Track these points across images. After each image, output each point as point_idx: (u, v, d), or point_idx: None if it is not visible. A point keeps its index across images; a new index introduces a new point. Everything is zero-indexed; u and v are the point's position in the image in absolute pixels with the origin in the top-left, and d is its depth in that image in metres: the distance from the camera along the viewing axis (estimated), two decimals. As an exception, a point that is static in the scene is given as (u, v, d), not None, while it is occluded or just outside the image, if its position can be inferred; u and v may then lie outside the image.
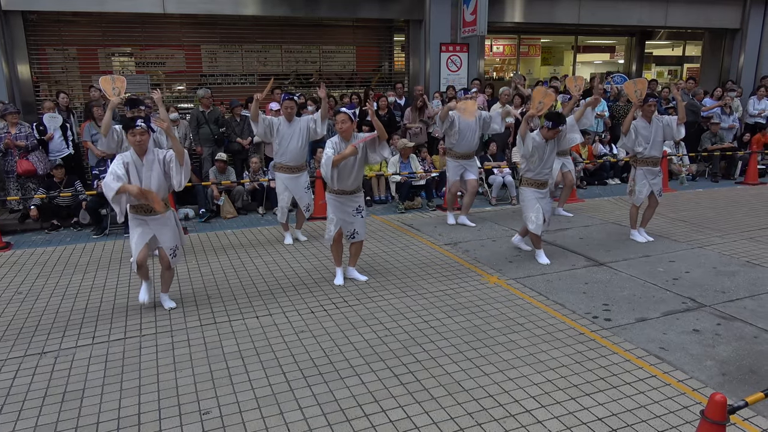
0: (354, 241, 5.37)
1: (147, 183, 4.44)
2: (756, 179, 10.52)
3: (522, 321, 4.49)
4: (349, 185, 5.17)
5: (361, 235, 5.35)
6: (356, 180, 5.20)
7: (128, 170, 4.38)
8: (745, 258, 5.99)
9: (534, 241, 6.04)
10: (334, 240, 5.29)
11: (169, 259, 4.68)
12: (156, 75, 10.45)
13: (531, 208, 5.82)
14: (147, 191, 4.33)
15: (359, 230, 5.31)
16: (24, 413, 3.32)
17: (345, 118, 5.00)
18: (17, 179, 7.95)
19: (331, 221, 5.26)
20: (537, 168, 5.74)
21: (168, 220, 4.65)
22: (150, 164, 4.45)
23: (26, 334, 4.38)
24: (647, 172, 6.41)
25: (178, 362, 3.88)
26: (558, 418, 3.20)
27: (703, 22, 13.14)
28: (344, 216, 5.23)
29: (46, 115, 8.21)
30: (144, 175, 4.43)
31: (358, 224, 5.29)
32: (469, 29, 10.56)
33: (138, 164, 4.42)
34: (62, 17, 9.40)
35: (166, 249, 4.65)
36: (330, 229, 5.27)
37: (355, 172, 5.15)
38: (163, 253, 4.68)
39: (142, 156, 4.42)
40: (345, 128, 5.00)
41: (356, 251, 5.50)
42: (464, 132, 7.08)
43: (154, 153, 4.49)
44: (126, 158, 4.41)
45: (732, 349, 4.01)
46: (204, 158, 8.92)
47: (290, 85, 11.18)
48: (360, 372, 3.72)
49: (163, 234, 4.62)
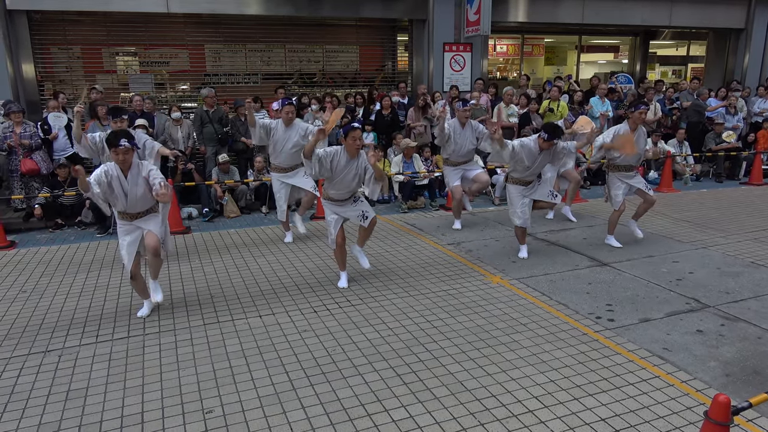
0: (367, 222, 5.19)
1: (133, 197, 4.37)
2: (760, 179, 10.48)
3: (525, 321, 4.48)
4: (344, 195, 5.13)
5: (371, 213, 5.21)
6: (352, 192, 5.16)
7: (111, 184, 4.29)
8: (750, 259, 5.97)
9: (519, 236, 6.14)
10: (337, 245, 5.20)
11: (156, 241, 4.46)
12: (160, 74, 10.47)
13: (517, 204, 5.91)
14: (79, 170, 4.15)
15: (367, 210, 5.19)
16: (28, 411, 3.33)
17: (359, 136, 4.90)
18: (21, 178, 7.98)
19: (330, 223, 5.20)
20: (524, 172, 5.81)
21: (155, 215, 4.60)
22: (135, 179, 4.34)
23: (30, 333, 4.39)
24: (621, 177, 6.30)
25: (181, 361, 3.89)
26: (561, 419, 3.20)
27: (707, 21, 13.10)
28: (344, 211, 5.18)
29: (51, 114, 8.24)
30: (129, 190, 4.34)
31: (364, 206, 5.21)
32: (473, 29, 10.55)
33: (122, 179, 4.32)
34: (67, 16, 9.44)
35: (153, 231, 4.49)
36: (331, 232, 5.21)
37: (353, 186, 5.10)
38: (150, 238, 4.46)
39: (126, 171, 4.32)
40: (356, 146, 4.91)
41: (367, 231, 5.32)
42: (460, 143, 7.01)
43: (138, 167, 4.37)
44: (110, 170, 4.29)
45: (736, 350, 3.99)
46: (208, 157, 8.94)
47: (293, 84, 11.20)
48: (363, 371, 3.72)
49: (147, 222, 4.52)
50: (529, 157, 5.63)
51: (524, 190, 5.89)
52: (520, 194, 5.90)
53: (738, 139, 11.25)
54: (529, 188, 5.89)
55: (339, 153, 4.94)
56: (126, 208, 4.44)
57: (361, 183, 5.14)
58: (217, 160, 8.58)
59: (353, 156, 4.96)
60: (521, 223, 5.93)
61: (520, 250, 6.13)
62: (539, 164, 5.76)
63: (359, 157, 5.00)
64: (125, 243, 4.50)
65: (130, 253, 4.49)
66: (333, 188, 5.09)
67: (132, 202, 4.41)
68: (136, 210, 4.48)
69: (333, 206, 5.19)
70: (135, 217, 4.49)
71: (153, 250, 4.50)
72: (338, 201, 5.16)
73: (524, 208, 5.88)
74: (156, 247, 4.50)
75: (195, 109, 9.51)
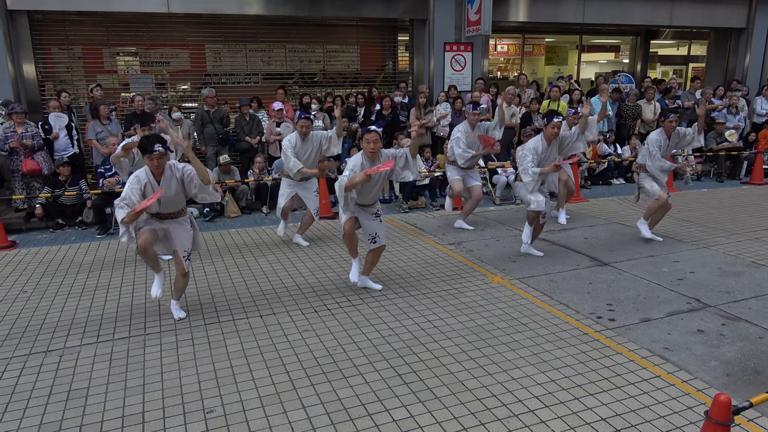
0: (374, 247, 5.08)
1: (166, 202, 4.34)
2: (761, 179, 10.48)
3: (526, 321, 4.48)
4: (369, 200, 5.01)
5: (382, 240, 5.07)
6: (377, 195, 5.06)
7: (145, 191, 4.22)
8: (751, 258, 5.97)
9: (529, 218, 6.01)
10: (346, 230, 4.94)
11: (183, 264, 4.49)
12: (161, 74, 10.48)
13: (530, 192, 5.83)
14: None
15: (380, 233, 5.05)
16: (29, 411, 3.33)
17: (376, 138, 4.74)
18: (22, 178, 7.99)
19: (344, 214, 4.96)
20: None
21: (184, 221, 4.57)
22: (168, 182, 4.30)
23: (31, 333, 4.40)
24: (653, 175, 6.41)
25: (182, 361, 3.89)
26: (562, 418, 3.20)
27: (708, 21, 13.08)
28: (363, 217, 5.02)
29: (52, 114, 8.25)
30: (163, 194, 4.28)
31: (379, 228, 5.06)
32: (474, 29, 10.55)
33: (155, 185, 4.26)
34: (67, 17, 9.45)
35: (180, 251, 4.49)
36: (342, 218, 4.96)
37: (377, 189, 4.99)
38: (178, 258, 4.49)
39: (159, 176, 4.28)
40: (375, 149, 4.76)
41: (374, 259, 5.19)
42: (470, 144, 7.01)
43: (171, 169, 4.33)
44: (142, 177, 4.24)
45: (737, 350, 3.99)
46: (208, 157, 8.95)
47: (294, 84, 11.20)
48: (363, 371, 3.72)
49: (177, 235, 4.48)
50: (541, 154, 5.72)
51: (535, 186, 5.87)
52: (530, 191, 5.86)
53: (739, 139, 11.25)
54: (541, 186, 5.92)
55: (359, 162, 4.78)
56: (159, 209, 4.39)
57: (383, 185, 4.98)
58: (217, 160, 8.59)
59: (372, 159, 4.80)
60: (537, 206, 5.75)
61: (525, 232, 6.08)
62: (549, 159, 5.79)
63: (380, 158, 4.83)
64: (148, 228, 4.35)
65: (151, 232, 4.34)
66: (360, 195, 4.89)
67: (165, 205, 4.38)
68: (168, 210, 4.45)
69: (355, 209, 4.99)
70: (166, 217, 4.47)
71: (182, 271, 4.51)
72: (362, 206, 5.01)
73: (537, 194, 5.77)
74: (184, 270, 4.51)
75: (196, 110, 9.52)
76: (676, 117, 6.29)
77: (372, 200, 5.05)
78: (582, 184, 9.74)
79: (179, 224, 4.53)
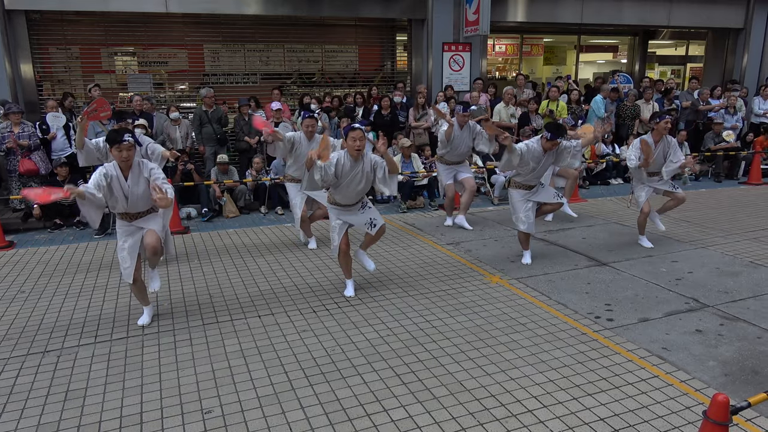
0: (375, 231, 5.01)
1: (134, 198, 4.24)
2: (759, 179, 10.49)
3: (524, 321, 4.48)
4: (352, 199, 4.91)
5: (379, 220, 5.00)
6: (360, 195, 4.94)
7: (111, 185, 4.13)
8: (749, 258, 5.97)
9: (522, 241, 5.96)
10: (341, 251, 4.94)
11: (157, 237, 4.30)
12: (159, 74, 10.47)
13: (520, 209, 5.74)
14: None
15: (375, 217, 4.99)
16: (27, 412, 3.32)
17: (361, 136, 4.64)
18: (19, 178, 7.97)
19: (334, 229, 4.92)
20: (528, 175, 5.68)
21: (156, 215, 4.47)
22: (136, 179, 4.21)
23: (29, 333, 4.39)
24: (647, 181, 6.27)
25: (180, 361, 3.89)
26: (560, 418, 3.20)
27: (706, 21, 13.10)
28: (351, 217, 4.98)
29: (50, 114, 8.23)
30: (130, 190, 4.21)
31: (371, 213, 5.00)
32: (472, 29, 10.55)
33: (122, 180, 4.17)
34: (65, 16, 9.43)
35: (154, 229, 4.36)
36: (334, 238, 4.92)
37: (361, 189, 4.86)
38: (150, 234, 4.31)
39: (126, 171, 4.18)
40: (360, 146, 4.64)
41: (375, 238, 5.13)
42: (456, 144, 7.02)
43: (140, 166, 4.24)
44: (110, 171, 4.14)
45: (735, 350, 4.00)
46: (207, 157, 8.94)
47: (292, 84, 11.20)
48: (362, 371, 3.72)
49: (149, 224, 4.39)
50: (534, 159, 5.53)
51: (527, 193, 5.74)
52: (523, 198, 5.73)
53: (737, 139, 11.27)
54: (532, 192, 5.76)
55: (342, 157, 4.70)
56: (126, 208, 4.30)
57: (368, 187, 4.90)
58: (216, 160, 8.58)
59: (357, 158, 4.72)
60: (526, 228, 5.71)
61: (524, 256, 5.92)
62: (543, 166, 5.64)
63: (365, 159, 4.77)
64: (126, 246, 4.29)
65: (132, 256, 4.30)
66: (339, 194, 4.85)
67: (133, 203, 4.28)
68: (137, 210, 4.35)
69: (339, 212, 4.94)
70: (135, 217, 4.38)
71: (152, 249, 4.30)
72: (345, 206, 4.93)
73: (528, 212, 5.69)
74: (156, 246, 4.30)
75: (194, 109, 9.50)
76: (671, 119, 6.10)
77: (355, 200, 4.94)
78: (580, 184, 9.74)
79: (151, 218, 4.43)
